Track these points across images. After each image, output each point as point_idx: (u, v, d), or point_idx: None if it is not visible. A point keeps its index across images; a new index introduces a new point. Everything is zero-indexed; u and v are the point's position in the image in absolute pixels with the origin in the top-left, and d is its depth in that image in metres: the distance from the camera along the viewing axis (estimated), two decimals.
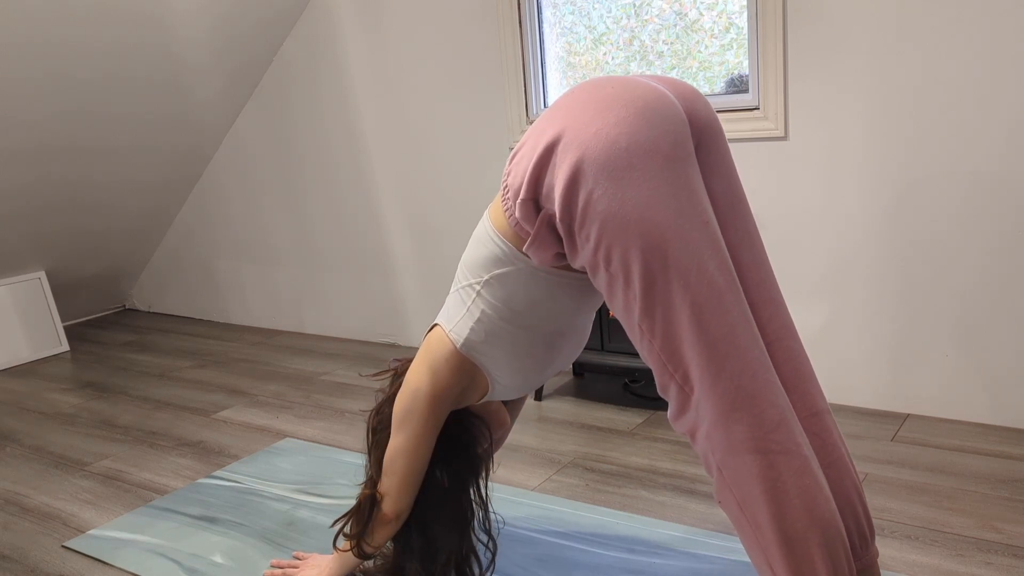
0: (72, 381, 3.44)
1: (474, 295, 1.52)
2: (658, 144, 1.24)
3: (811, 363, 1.45)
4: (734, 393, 1.24)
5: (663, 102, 1.29)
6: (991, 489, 2.04)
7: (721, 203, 1.39)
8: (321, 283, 3.81)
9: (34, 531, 2.17)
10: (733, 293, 1.27)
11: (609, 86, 1.31)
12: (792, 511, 1.24)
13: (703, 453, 1.32)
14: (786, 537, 1.24)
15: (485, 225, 1.50)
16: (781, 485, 1.24)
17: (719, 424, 1.26)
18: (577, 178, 1.24)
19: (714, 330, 1.24)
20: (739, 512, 1.29)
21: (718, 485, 1.32)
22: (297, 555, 1.93)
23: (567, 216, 1.27)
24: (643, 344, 1.30)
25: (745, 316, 1.28)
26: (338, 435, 2.67)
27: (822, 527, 1.25)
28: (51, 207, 3.60)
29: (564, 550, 1.90)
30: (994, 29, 2.18)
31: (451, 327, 1.57)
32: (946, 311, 2.40)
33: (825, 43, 2.40)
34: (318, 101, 3.54)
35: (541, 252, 1.37)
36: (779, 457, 1.25)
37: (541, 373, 1.64)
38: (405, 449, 1.60)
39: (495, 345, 1.54)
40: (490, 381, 1.60)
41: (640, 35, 2.77)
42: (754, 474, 1.25)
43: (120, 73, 3.20)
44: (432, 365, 1.57)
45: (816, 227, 2.54)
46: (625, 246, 1.23)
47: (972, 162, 2.28)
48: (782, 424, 1.26)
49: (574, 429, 2.59)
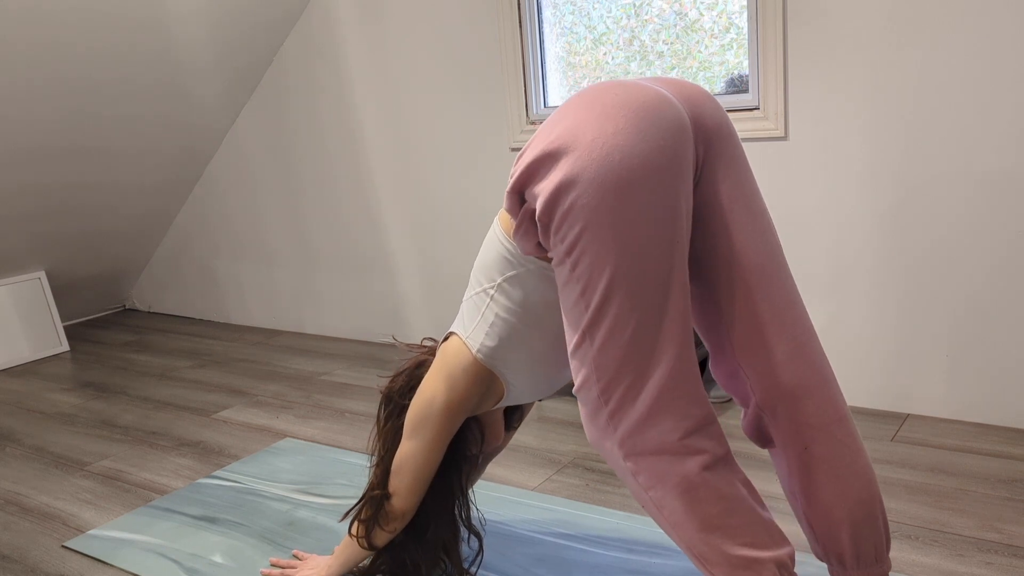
0: (72, 381, 3.44)
1: (488, 300, 1.54)
2: (652, 159, 1.24)
3: (831, 367, 1.45)
4: (654, 402, 1.29)
5: (665, 111, 1.29)
6: (991, 489, 2.04)
7: (732, 206, 1.39)
8: (321, 283, 3.81)
9: (34, 531, 2.17)
10: (682, 312, 1.30)
11: (613, 93, 1.31)
12: (705, 506, 1.31)
13: (612, 459, 1.36)
14: (703, 528, 1.31)
15: (495, 228, 1.53)
16: (693, 482, 1.30)
17: (637, 430, 1.31)
18: (567, 183, 1.25)
19: (648, 348, 1.28)
20: (657, 512, 1.35)
21: (633, 489, 1.36)
22: (297, 555, 1.93)
23: (545, 216, 1.29)
24: (577, 348, 1.33)
25: (683, 329, 1.30)
26: (338, 435, 2.67)
27: (736, 517, 1.32)
28: (51, 208, 3.60)
29: (564, 550, 1.90)
30: (994, 29, 2.18)
31: (467, 334, 1.57)
32: (946, 311, 2.40)
33: (825, 43, 2.40)
34: (317, 102, 3.54)
35: (525, 241, 1.39)
36: (691, 458, 1.30)
37: (555, 377, 1.65)
38: (415, 455, 1.61)
39: (511, 348, 1.55)
40: (506, 386, 1.60)
41: (640, 35, 2.77)
42: (668, 474, 1.31)
43: (120, 75, 3.20)
44: (449, 376, 1.58)
45: (816, 227, 2.54)
46: (596, 258, 1.26)
47: (972, 162, 2.28)
48: (699, 430, 1.31)
49: (574, 429, 2.59)
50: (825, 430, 1.40)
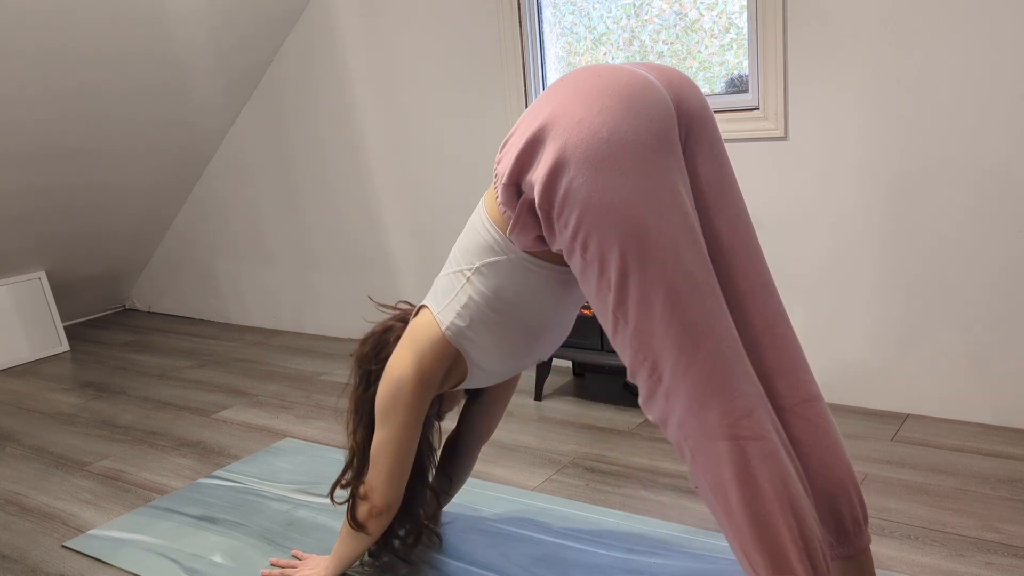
0: (72, 381, 3.44)
1: (464, 281, 1.55)
2: (640, 135, 1.26)
3: (803, 349, 1.46)
4: (705, 382, 1.27)
5: (649, 91, 1.30)
6: (991, 489, 2.04)
7: (710, 190, 1.40)
8: (321, 283, 3.81)
9: (34, 531, 2.17)
10: (709, 284, 1.29)
11: (596, 76, 1.32)
12: (762, 495, 1.27)
13: (676, 440, 1.34)
14: (756, 520, 1.27)
15: (479, 212, 1.53)
16: (751, 469, 1.27)
17: (691, 411, 1.28)
18: (559, 167, 1.26)
19: (686, 320, 1.26)
20: (712, 497, 1.32)
21: (692, 470, 1.34)
22: (296, 554, 1.93)
23: (545, 203, 1.29)
24: (615, 331, 1.32)
25: (719, 307, 1.30)
26: (338, 435, 2.67)
27: (791, 511, 1.27)
28: (51, 208, 3.60)
29: (564, 550, 1.90)
30: (993, 29, 2.18)
31: (439, 310, 1.59)
32: (946, 311, 2.40)
33: (825, 43, 2.40)
34: (317, 103, 3.54)
35: (523, 236, 1.39)
36: (750, 443, 1.27)
37: (519, 363, 1.66)
38: (391, 440, 1.62)
39: (480, 332, 1.56)
40: (470, 367, 1.62)
41: (640, 35, 2.77)
42: (725, 460, 1.28)
43: (120, 76, 3.20)
44: (418, 351, 1.59)
45: (815, 227, 2.54)
46: (603, 235, 1.26)
47: (972, 162, 2.28)
48: (753, 411, 1.28)
49: (574, 429, 2.59)
50: (794, 411, 1.41)
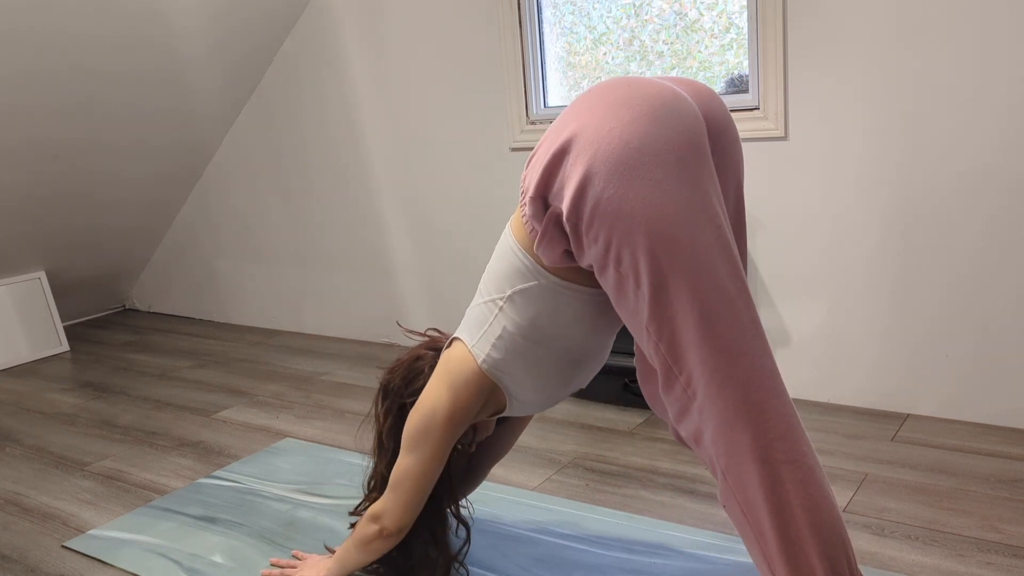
0: (72, 381, 3.44)
1: (496, 311, 1.50)
2: (672, 144, 1.22)
3: None
4: (740, 401, 1.23)
5: (679, 102, 1.27)
6: (991, 489, 2.04)
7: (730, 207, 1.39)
8: (321, 283, 3.81)
9: (34, 531, 2.17)
10: (743, 299, 1.25)
11: (624, 86, 1.29)
12: (794, 520, 1.24)
13: (707, 458, 1.31)
14: (787, 544, 1.24)
15: (507, 238, 1.48)
16: (784, 494, 1.24)
17: (724, 430, 1.25)
18: (589, 177, 1.22)
19: (722, 336, 1.23)
20: (743, 517, 1.29)
21: (722, 489, 1.31)
22: (296, 555, 1.93)
23: (574, 215, 1.25)
24: (649, 346, 1.29)
25: (754, 322, 1.26)
26: (338, 435, 2.67)
27: (824, 536, 1.25)
28: (51, 207, 3.60)
29: (564, 550, 1.90)
30: (993, 29, 2.18)
31: (473, 342, 1.53)
32: (946, 311, 2.40)
33: (825, 43, 2.40)
34: (318, 101, 3.54)
35: (550, 250, 1.35)
36: (783, 467, 1.24)
37: (558, 393, 1.61)
38: (415, 469, 1.57)
39: (516, 363, 1.51)
40: (508, 399, 1.57)
41: (640, 35, 2.77)
42: (757, 482, 1.25)
43: (121, 70, 3.20)
44: (452, 384, 1.53)
45: (815, 227, 2.54)
46: (635, 248, 1.22)
47: (972, 162, 2.28)
48: (788, 434, 1.25)
49: (574, 429, 2.59)
50: None
